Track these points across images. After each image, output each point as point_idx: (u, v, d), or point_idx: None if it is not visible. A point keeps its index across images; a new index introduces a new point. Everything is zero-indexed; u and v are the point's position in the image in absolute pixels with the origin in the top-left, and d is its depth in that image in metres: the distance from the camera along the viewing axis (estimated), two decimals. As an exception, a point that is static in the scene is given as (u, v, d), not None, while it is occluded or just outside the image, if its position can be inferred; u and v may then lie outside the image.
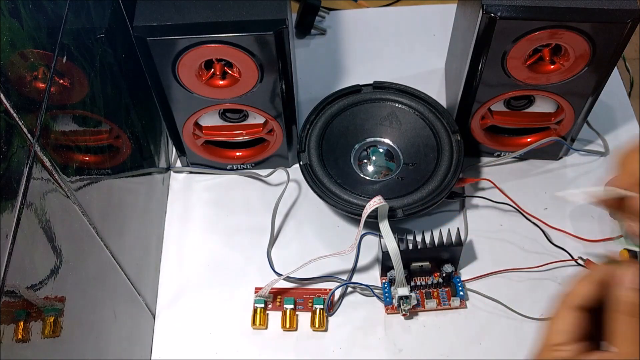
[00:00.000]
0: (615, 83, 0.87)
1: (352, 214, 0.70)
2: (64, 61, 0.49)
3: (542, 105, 0.75)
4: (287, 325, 0.68)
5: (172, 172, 0.82)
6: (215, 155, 0.79)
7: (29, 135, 0.42)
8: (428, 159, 0.74)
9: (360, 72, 0.90)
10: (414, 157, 0.76)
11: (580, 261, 0.71)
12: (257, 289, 0.71)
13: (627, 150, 0.42)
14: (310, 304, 0.70)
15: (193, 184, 0.81)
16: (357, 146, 0.77)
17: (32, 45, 0.44)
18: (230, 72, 0.67)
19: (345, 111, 0.77)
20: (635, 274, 0.37)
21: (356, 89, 0.79)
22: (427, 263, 0.69)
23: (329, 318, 0.70)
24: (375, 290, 0.70)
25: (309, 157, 0.73)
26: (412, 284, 0.70)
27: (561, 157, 0.81)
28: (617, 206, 0.43)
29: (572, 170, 0.81)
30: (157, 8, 0.63)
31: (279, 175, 0.79)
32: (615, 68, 0.80)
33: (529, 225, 0.75)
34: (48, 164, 0.44)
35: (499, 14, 0.62)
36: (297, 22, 0.93)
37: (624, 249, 0.69)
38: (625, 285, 0.37)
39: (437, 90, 0.87)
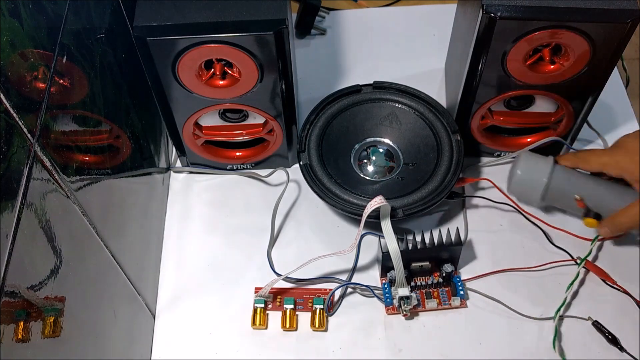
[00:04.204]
0: (615, 83, 0.87)
1: (352, 214, 0.70)
2: (64, 61, 0.49)
3: (542, 105, 0.75)
4: (287, 325, 0.68)
5: (172, 172, 0.82)
6: (215, 155, 0.79)
7: (29, 135, 0.42)
8: (428, 159, 0.74)
9: (360, 72, 0.90)
10: (414, 157, 0.76)
11: (579, 261, 0.71)
12: (257, 289, 0.71)
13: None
14: (310, 304, 0.70)
15: (193, 184, 0.81)
16: (357, 146, 0.77)
17: (32, 45, 0.44)
18: (230, 72, 0.67)
19: (345, 111, 0.77)
20: None
21: (356, 89, 0.79)
22: (427, 263, 0.69)
23: (329, 318, 0.70)
24: (376, 291, 0.70)
25: (309, 157, 0.73)
26: (412, 284, 0.70)
27: (561, 157, 0.81)
28: None
29: (572, 170, 0.81)
30: (157, 8, 0.63)
31: (279, 175, 0.79)
32: (615, 68, 0.80)
33: (529, 225, 0.75)
34: (48, 164, 0.44)
35: (499, 14, 0.62)
36: (297, 22, 0.93)
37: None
38: None
39: (437, 90, 0.87)
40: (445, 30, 0.86)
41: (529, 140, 0.78)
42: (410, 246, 0.67)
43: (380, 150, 0.77)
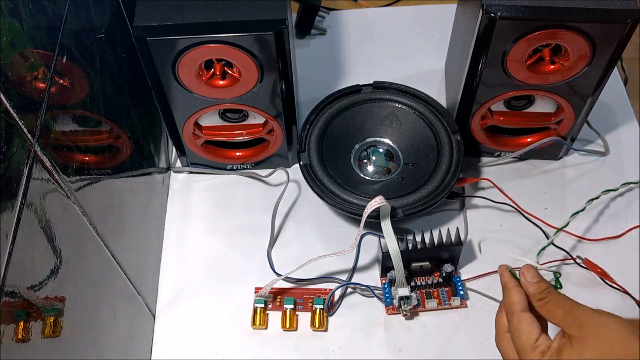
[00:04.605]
0: (615, 83, 0.87)
1: (352, 214, 0.70)
2: (64, 61, 0.49)
3: (542, 105, 0.75)
4: (287, 325, 0.68)
5: (172, 172, 0.82)
6: (215, 155, 0.79)
7: (29, 135, 0.42)
8: (428, 159, 0.74)
9: (360, 72, 0.90)
10: (414, 157, 0.76)
11: (578, 260, 0.71)
12: (257, 289, 0.71)
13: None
14: (310, 304, 0.70)
15: (193, 184, 0.81)
16: (357, 146, 0.77)
17: (32, 45, 0.44)
18: (230, 72, 0.67)
19: (345, 111, 0.77)
20: (529, 270, 0.54)
21: (356, 89, 0.79)
22: (427, 263, 0.69)
23: (329, 318, 0.70)
24: (376, 291, 0.70)
25: (309, 157, 0.73)
26: (412, 284, 0.70)
27: (561, 157, 0.81)
28: None
29: (572, 170, 0.81)
30: (157, 8, 0.63)
31: (279, 175, 0.79)
32: (615, 68, 0.80)
33: (529, 225, 0.75)
34: (48, 164, 0.44)
35: (499, 14, 0.62)
36: (297, 22, 0.93)
37: None
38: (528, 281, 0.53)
39: (437, 90, 0.87)
40: (445, 30, 0.86)
41: (529, 140, 0.79)
42: (410, 246, 0.67)
43: (380, 150, 0.77)
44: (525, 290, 0.54)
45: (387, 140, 0.78)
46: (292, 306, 0.69)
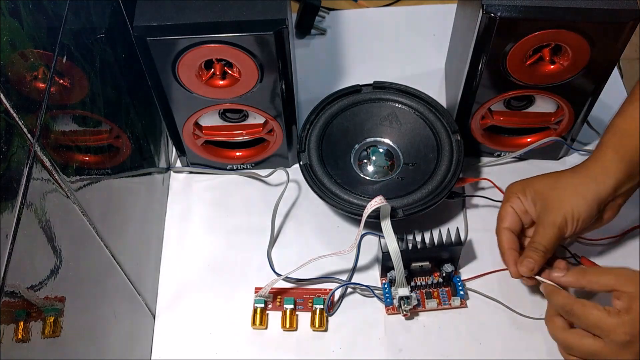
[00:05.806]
0: (615, 83, 0.87)
1: (352, 214, 0.70)
2: (64, 61, 0.49)
3: (542, 105, 0.75)
4: (287, 325, 0.68)
5: (172, 172, 0.82)
6: (215, 155, 0.79)
7: (29, 135, 0.42)
8: (428, 159, 0.74)
9: (360, 72, 0.90)
10: (414, 157, 0.76)
11: (576, 258, 0.71)
12: (257, 289, 0.71)
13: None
14: (310, 304, 0.70)
15: (193, 184, 0.81)
16: (357, 146, 0.77)
17: (32, 45, 0.44)
18: (230, 72, 0.67)
19: (345, 111, 0.77)
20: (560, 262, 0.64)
21: (356, 89, 0.79)
22: (427, 263, 0.69)
23: (329, 318, 0.70)
24: (376, 291, 0.70)
25: (309, 157, 0.73)
26: (412, 284, 0.70)
27: (561, 157, 0.81)
28: None
29: (572, 170, 0.81)
30: (157, 8, 0.63)
31: (279, 175, 0.79)
32: (615, 68, 0.80)
33: (529, 225, 0.75)
34: (48, 164, 0.44)
35: (499, 14, 0.62)
36: (297, 22, 0.93)
37: None
38: None
39: (437, 90, 0.87)
40: (445, 30, 0.86)
41: (529, 140, 0.79)
42: (410, 246, 0.67)
43: (380, 150, 0.77)
44: (567, 282, 0.62)
45: (387, 140, 0.78)
46: (292, 306, 0.69)
